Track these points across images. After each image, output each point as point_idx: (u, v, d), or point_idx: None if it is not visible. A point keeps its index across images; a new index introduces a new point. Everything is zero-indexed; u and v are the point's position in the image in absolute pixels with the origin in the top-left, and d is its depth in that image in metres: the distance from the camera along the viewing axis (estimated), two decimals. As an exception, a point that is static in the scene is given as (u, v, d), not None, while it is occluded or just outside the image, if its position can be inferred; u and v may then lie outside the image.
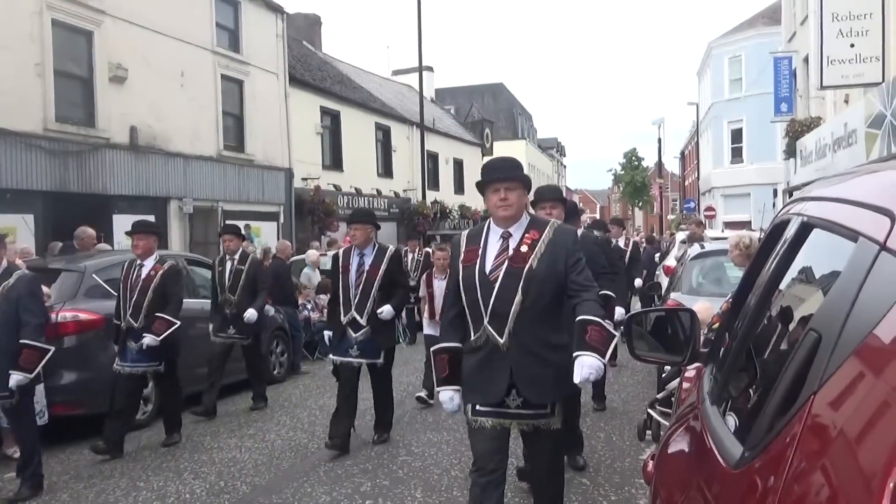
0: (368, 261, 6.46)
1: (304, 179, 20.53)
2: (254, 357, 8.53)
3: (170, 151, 15.73)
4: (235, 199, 17.93)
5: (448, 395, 3.70)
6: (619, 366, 9.61)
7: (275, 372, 9.92)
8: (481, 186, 3.67)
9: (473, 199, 34.67)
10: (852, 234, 1.20)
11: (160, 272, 6.70)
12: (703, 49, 39.71)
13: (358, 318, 6.37)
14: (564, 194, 6.24)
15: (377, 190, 25.07)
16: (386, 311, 6.40)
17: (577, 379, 3.28)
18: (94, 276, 7.50)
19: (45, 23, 12.80)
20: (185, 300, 7.67)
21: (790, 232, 1.76)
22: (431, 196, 27.60)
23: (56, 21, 13.05)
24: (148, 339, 6.47)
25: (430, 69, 37.35)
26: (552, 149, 66.11)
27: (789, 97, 20.45)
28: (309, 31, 28.76)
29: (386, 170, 26.56)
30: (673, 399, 4.89)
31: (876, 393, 0.89)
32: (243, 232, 9.59)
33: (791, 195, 18.90)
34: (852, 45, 13.33)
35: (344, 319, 6.40)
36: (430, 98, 37.17)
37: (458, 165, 33.95)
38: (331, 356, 6.63)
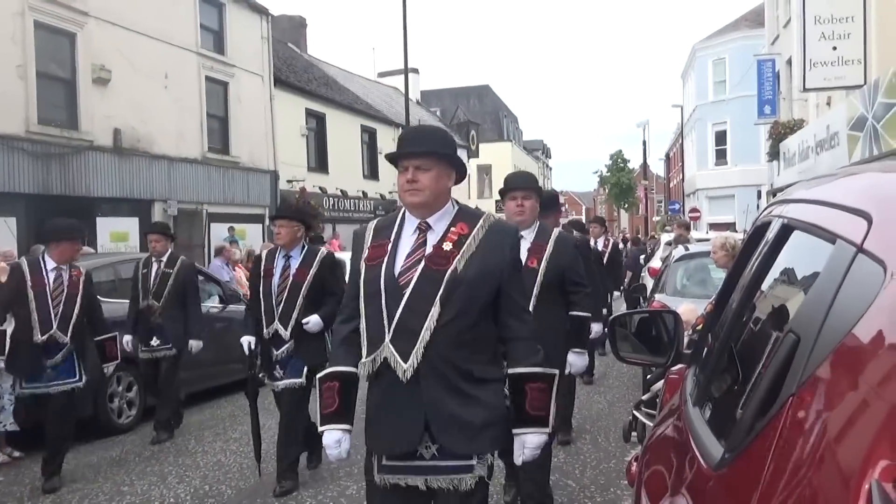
0: (295, 263, 5.45)
1: (290, 181, 20.50)
2: (170, 375, 7.32)
3: (154, 153, 15.66)
4: (220, 201, 17.88)
5: (334, 438, 2.70)
6: (598, 376, 9.61)
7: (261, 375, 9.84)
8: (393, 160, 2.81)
9: (460, 201, 34.70)
10: (830, 237, 1.21)
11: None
12: (687, 51, 39.99)
13: (281, 330, 5.37)
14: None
15: (363, 192, 25.06)
16: (312, 321, 5.36)
17: (517, 461, 2.68)
18: (77, 279, 7.43)
19: (27, 24, 12.72)
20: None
21: (771, 234, 1.77)
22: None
23: (38, 23, 12.98)
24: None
25: (416, 71, 37.36)
26: (538, 150, 66.33)
27: (773, 99, 20.59)
28: (294, 33, 28.73)
29: (372, 172, 26.55)
30: (658, 400, 4.92)
31: (853, 393, 0.90)
32: (232, 234, 9.29)
33: (775, 197, 18.95)
34: (834, 48, 13.44)
35: (266, 332, 5.42)
36: (416, 100, 37.18)
37: (444, 167, 33.94)
38: (268, 383, 5.62)
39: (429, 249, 2.67)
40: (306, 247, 5.62)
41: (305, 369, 5.39)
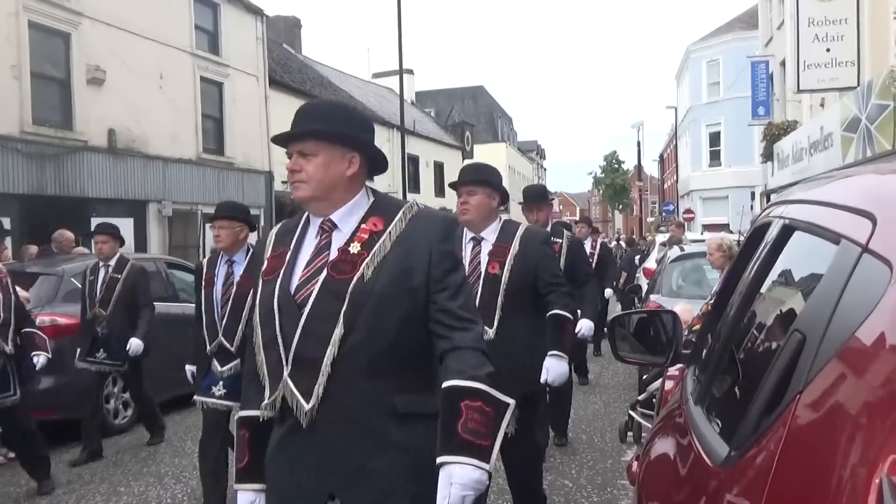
0: (239, 270, 4.76)
1: (285, 182, 20.42)
2: (136, 387, 7.05)
3: (148, 154, 15.64)
4: (215, 201, 17.71)
5: (247, 500, 2.19)
6: (594, 377, 9.62)
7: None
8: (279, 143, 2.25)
9: (454, 202, 34.75)
10: (834, 237, 1.22)
11: None
12: (681, 53, 40.06)
13: (226, 344, 4.69)
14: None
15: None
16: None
17: (441, 503, 1.88)
18: (72, 279, 7.43)
19: (21, 24, 12.70)
20: (165, 304, 7.69)
21: (772, 234, 1.79)
22: (412, 199, 27.62)
23: (33, 23, 12.96)
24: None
25: (411, 72, 37.36)
26: (532, 151, 66.42)
27: (766, 101, 20.68)
28: (289, 34, 28.73)
29: (367, 173, 26.55)
30: (654, 400, 4.95)
31: (859, 392, 0.91)
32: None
33: (769, 198, 19.10)
34: (828, 50, 13.52)
35: (210, 347, 4.75)
36: (411, 101, 37.20)
37: (439, 168, 34.02)
38: (195, 396, 4.91)
39: (333, 254, 2.08)
40: (252, 250, 4.63)
41: None
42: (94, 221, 13.92)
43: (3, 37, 12.35)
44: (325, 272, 2.05)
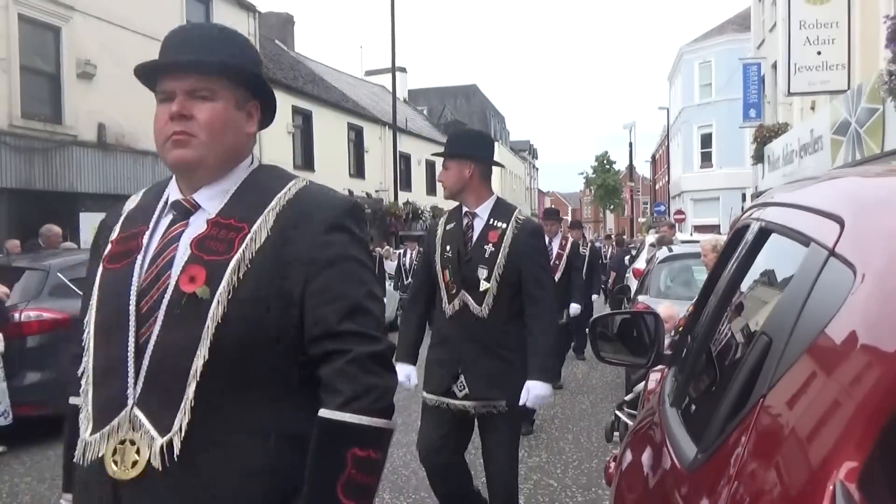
0: None
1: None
2: None
3: (138, 149, 15.57)
4: (205, 198, 17.82)
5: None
6: (581, 377, 9.65)
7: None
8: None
9: (446, 201, 34.74)
10: (805, 240, 1.22)
11: None
12: (674, 54, 40.17)
13: None
14: (537, 198, 6.10)
15: (349, 190, 25.00)
16: None
17: None
18: (59, 274, 7.38)
19: (10, 18, 12.62)
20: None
21: (749, 236, 1.79)
22: (404, 197, 27.63)
23: (22, 16, 12.88)
24: None
25: (404, 70, 37.39)
26: (524, 151, 66.43)
27: (758, 103, 20.73)
28: (281, 30, 28.67)
29: (358, 170, 26.53)
30: (640, 401, 4.95)
31: (821, 395, 0.91)
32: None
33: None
34: (819, 53, 13.56)
35: None
36: (403, 99, 37.18)
37: (431, 166, 33.99)
38: None
39: (183, 247, 1.53)
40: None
41: None
42: (83, 216, 13.89)
43: (-8, 30, 12.30)
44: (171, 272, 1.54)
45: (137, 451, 1.45)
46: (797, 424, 0.92)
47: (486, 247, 3.56)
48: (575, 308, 8.52)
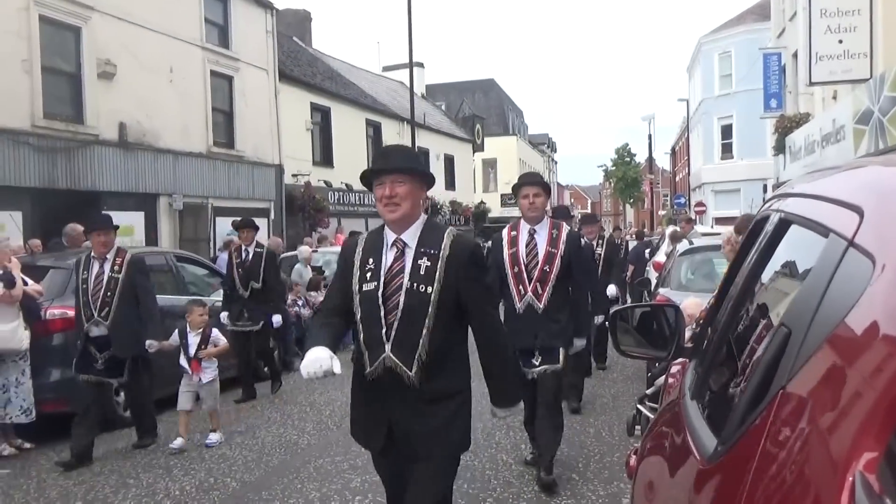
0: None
1: (295, 176, 20.51)
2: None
3: (159, 148, 15.68)
4: (225, 195, 17.90)
5: None
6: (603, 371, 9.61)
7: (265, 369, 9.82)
8: None
9: (465, 195, 34.73)
10: (824, 230, 1.22)
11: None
12: (693, 45, 39.83)
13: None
14: (554, 192, 6.00)
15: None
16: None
17: None
18: (82, 273, 7.46)
19: (32, 19, 12.74)
20: (171, 297, 7.79)
21: (769, 228, 1.78)
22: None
23: (43, 17, 12.99)
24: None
25: (421, 65, 37.35)
26: (543, 144, 66.17)
27: (778, 93, 20.52)
28: (299, 27, 28.72)
29: (376, 166, 26.54)
30: (661, 394, 4.93)
31: (840, 386, 0.90)
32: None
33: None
34: (840, 42, 13.38)
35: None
36: (421, 94, 37.16)
37: (450, 161, 33.97)
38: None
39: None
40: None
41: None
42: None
43: (14, 31, 12.40)
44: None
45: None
46: (817, 415, 0.92)
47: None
48: (612, 290, 9.24)
